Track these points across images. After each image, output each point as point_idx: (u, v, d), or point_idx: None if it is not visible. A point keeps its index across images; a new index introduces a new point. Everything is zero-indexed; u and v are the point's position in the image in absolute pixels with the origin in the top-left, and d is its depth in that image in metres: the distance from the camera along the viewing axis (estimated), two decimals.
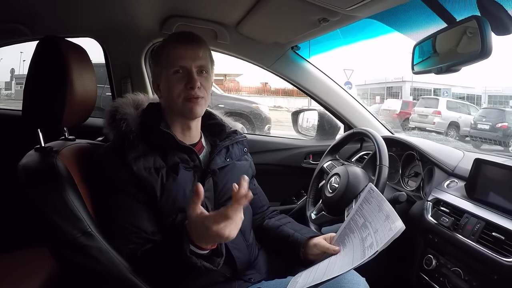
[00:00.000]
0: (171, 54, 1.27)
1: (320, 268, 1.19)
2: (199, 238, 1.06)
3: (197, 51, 1.28)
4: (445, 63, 1.22)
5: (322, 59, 2.34)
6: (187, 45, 1.28)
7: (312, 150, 2.35)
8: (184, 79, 1.26)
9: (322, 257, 1.27)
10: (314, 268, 1.21)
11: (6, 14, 1.90)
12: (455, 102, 14.89)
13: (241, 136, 1.48)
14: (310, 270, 1.22)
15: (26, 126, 1.19)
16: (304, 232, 1.41)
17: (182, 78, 1.26)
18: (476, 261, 1.23)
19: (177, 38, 1.31)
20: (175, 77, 1.27)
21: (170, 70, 1.27)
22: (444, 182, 1.55)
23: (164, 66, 1.28)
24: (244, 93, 20.89)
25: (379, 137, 1.61)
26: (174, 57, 1.27)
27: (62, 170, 1.16)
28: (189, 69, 1.26)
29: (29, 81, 1.20)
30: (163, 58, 1.30)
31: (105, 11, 1.90)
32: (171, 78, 1.27)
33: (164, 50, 1.30)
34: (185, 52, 1.27)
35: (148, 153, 1.24)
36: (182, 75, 1.27)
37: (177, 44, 1.28)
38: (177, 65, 1.26)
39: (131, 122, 1.28)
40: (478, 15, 1.07)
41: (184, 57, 1.26)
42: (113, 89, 2.22)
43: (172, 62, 1.27)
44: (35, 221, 1.12)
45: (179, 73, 1.27)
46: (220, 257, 1.12)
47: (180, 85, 1.26)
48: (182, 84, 1.26)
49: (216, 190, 1.33)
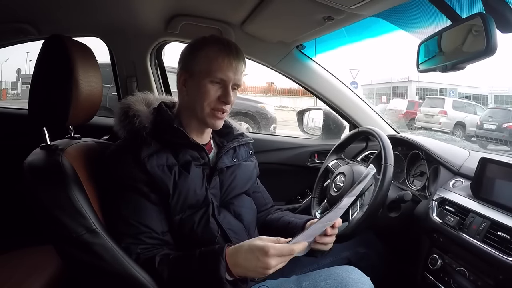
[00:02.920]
0: (215, 62, 1.24)
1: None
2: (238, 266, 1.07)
3: (240, 66, 1.27)
4: (449, 61, 1.22)
5: (327, 58, 2.34)
6: (233, 58, 1.25)
7: (317, 149, 2.35)
8: (219, 91, 1.25)
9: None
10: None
11: (13, 14, 1.91)
12: (461, 102, 14.80)
13: (248, 138, 1.49)
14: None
15: (32, 124, 1.20)
16: (304, 218, 1.43)
17: (217, 90, 1.25)
18: (482, 261, 1.23)
19: (226, 48, 1.26)
20: (211, 86, 1.25)
21: (209, 78, 1.24)
22: (449, 182, 1.54)
23: (204, 70, 1.25)
24: (250, 93, 20.86)
25: (384, 136, 1.60)
26: (218, 67, 1.24)
27: (67, 168, 1.16)
28: (227, 84, 1.25)
29: (35, 80, 1.20)
30: (204, 61, 1.25)
31: (111, 10, 1.91)
32: (207, 85, 1.25)
33: (208, 54, 1.25)
34: (229, 65, 1.24)
35: (161, 151, 1.24)
36: (218, 87, 1.25)
37: (225, 55, 1.25)
38: (218, 77, 1.24)
39: (144, 119, 1.27)
40: (483, 12, 1.06)
41: (227, 70, 1.24)
42: (119, 89, 2.23)
43: (214, 71, 1.24)
44: (40, 218, 1.12)
45: (217, 84, 1.25)
46: (246, 284, 1.12)
47: (213, 95, 1.25)
48: (215, 96, 1.25)
49: (222, 188, 1.34)
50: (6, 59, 19.17)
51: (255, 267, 1.05)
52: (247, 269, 1.07)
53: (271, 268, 1.03)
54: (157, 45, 2.20)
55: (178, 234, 1.24)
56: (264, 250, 1.03)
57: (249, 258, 1.06)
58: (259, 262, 1.04)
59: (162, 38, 2.15)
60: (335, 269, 1.28)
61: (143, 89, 1.56)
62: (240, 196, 1.41)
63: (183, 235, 1.24)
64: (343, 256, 1.62)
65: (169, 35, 2.11)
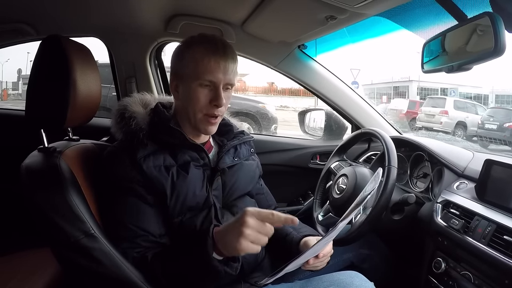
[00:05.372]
0: (202, 65, 1.19)
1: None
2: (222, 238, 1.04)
3: (229, 65, 1.21)
4: (455, 62, 1.20)
5: (328, 58, 2.32)
6: (221, 59, 1.20)
7: (319, 151, 2.33)
8: (209, 94, 1.21)
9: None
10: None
11: (10, 14, 1.90)
12: (462, 102, 14.77)
13: (249, 136, 1.47)
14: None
15: (29, 126, 1.18)
16: (302, 231, 1.39)
17: (208, 93, 1.21)
18: (487, 265, 1.21)
19: (211, 47, 1.21)
20: (201, 90, 1.21)
21: (197, 81, 1.20)
22: (453, 184, 1.52)
23: (191, 73, 1.21)
24: (250, 93, 20.88)
25: (387, 137, 1.59)
26: (205, 69, 1.19)
27: (65, 171, 1.14)
28: (217, 86, 1.21)
29: (32, 81, 1.19)
30: (191, 64, 1.21)
31: (110, 10, 1.90)
32: (196, 89, 1.21)
33: (195, 55, 1.21)
34: (217, 66, 1.19)
35: (158, 152, 1.22)
36: (209, 89, 1.21)
37: (211, 56, 1.19)
38: (207, 79, 1.19)
39: (140, 120, 1.25)
40: (491, 12, 1.04)
41: (216, 71, 1.19)
42: (118, 89, 2.22)
43: (201, 73, 1.19)
44: (38, 222, 1.10)
45: (207, 86, 1.21)
46: (237, 262, 1.09)
47: (204, 99, 1.21)
48: (206, 100, 1.21)
49: (224, 189, 1.32)
50: (7, 60, 19.32)
51: (232, 227, 1.01)
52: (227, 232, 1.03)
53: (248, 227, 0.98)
54: (157, 45, 2.19)
55: (179, 237, 1.22)
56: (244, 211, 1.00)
57: (230, 223, 1.03)
58: (237, 222, 1.00)
59: (162, 38, 2.14)
60: (339, 274, 1.26)
61: (143, 90, 1.54)
62: (243, 198, 1.39)
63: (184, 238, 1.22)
64: (346, 258, 1.60)
65: (169, 35, 2.10)
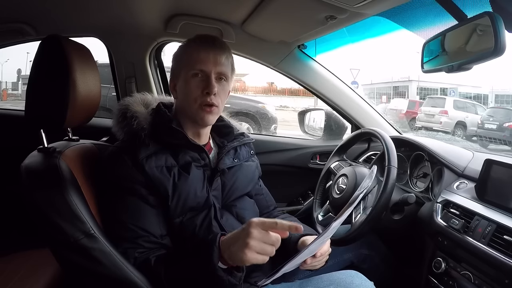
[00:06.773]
0: (193, 56, 1.26)
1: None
2: (227, 248, 1.03)
3: (219, 56, 1.27)
4: (455, 62, 1.20)
5: (328, 58, 2.32)
6: (211, 49, 1.26)
7: (319, 150, 2.33)
8: (202, 84, 1.25)
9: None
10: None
11: (10, 14, 1.90)
12: (462, 102, 14.77)
13: (249, 138, 1.48)
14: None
15: (29, 126, 1.18)
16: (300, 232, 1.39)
17: (200, 83, 1.25)
18: (487, 265, 1.21)
19: (202, 41, 1.28)
20: (193, 81, 1.25)
21: (190, 72, 1.25)
22: (453, 183, 1.52)
23: (184, 66, 1.27)
24: (250, 93, 20.87)
25: (387, 137, 1.58)
26: (196, 59, 1.25)
27: (65, 171, 1.14)
28: (208, 74, 1.25)
29: (32, 81, 1.18)
30: (184, 59, 1.28)
31: (109, 10, 1.89)
32: (189, 80, 1.25)
33: (187, 51, 1.29)
34: (207, 56, 1.25)
35: (159, 152, 1.23)
36: (200, 79, 1.25)
37: (201, 47, 1.26)
38: (197, 68, 1.24)
39: (142, 120, 1.26)
40: (491, 12, 1.04)
41: (206, 61, 1.25)
42: (118, 89, 2.22)
43: (193, 64, 1.25)
44: (37, 222, 1.10)
45: (198, 76, 1.25)
46: (241, 272, 1.08)
47: (197, 89, 1.25)
48: (199, 89, 1.24)
49: (224, 189, 1.33)
50: (6, 60, 19.29)
51: (238, 238, 1.00)
52: (233, 243, 1.02)
53: (253, 239, 0.97)
54: (157, 45, 2.19)
55: (179, 237, 1.22)
56: (248, 222, 1.00)
57: (236, 234, 1.03)
58: (243, 232, 0.99)
59: (162, 38, 2.14)
60: (338, 274, 1.27)
61: (143, 90, 1.54)
62: (242, 198, 1.39)
63: (184, 238, 1.22)
64: (346, 258, 1.61)
65: (169, 35, 2.10)
